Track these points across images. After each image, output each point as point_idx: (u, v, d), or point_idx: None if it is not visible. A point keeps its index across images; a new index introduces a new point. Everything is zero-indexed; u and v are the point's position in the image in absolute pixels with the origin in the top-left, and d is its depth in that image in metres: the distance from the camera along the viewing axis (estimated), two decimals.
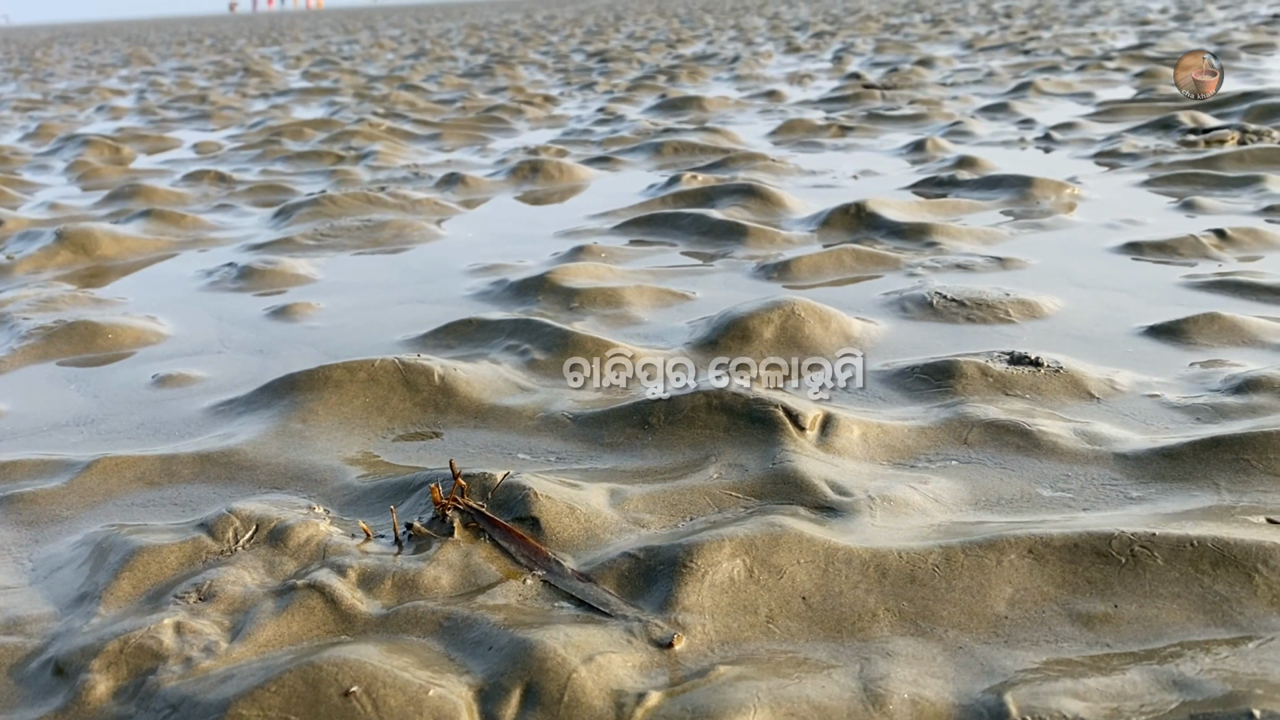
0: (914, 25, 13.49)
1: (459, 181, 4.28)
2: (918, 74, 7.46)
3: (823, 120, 5.43)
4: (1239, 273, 2.52)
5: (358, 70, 11.78)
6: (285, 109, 7.99)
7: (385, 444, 1.87)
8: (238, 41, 24.14)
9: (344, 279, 3.04)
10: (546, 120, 6.44)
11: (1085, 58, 7.86)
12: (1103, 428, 1.74)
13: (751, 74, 8.40)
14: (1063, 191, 3.45)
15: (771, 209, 3.50)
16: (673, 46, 12.71)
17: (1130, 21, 11.98)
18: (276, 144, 5.84)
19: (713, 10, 26.36)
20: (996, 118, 5.28)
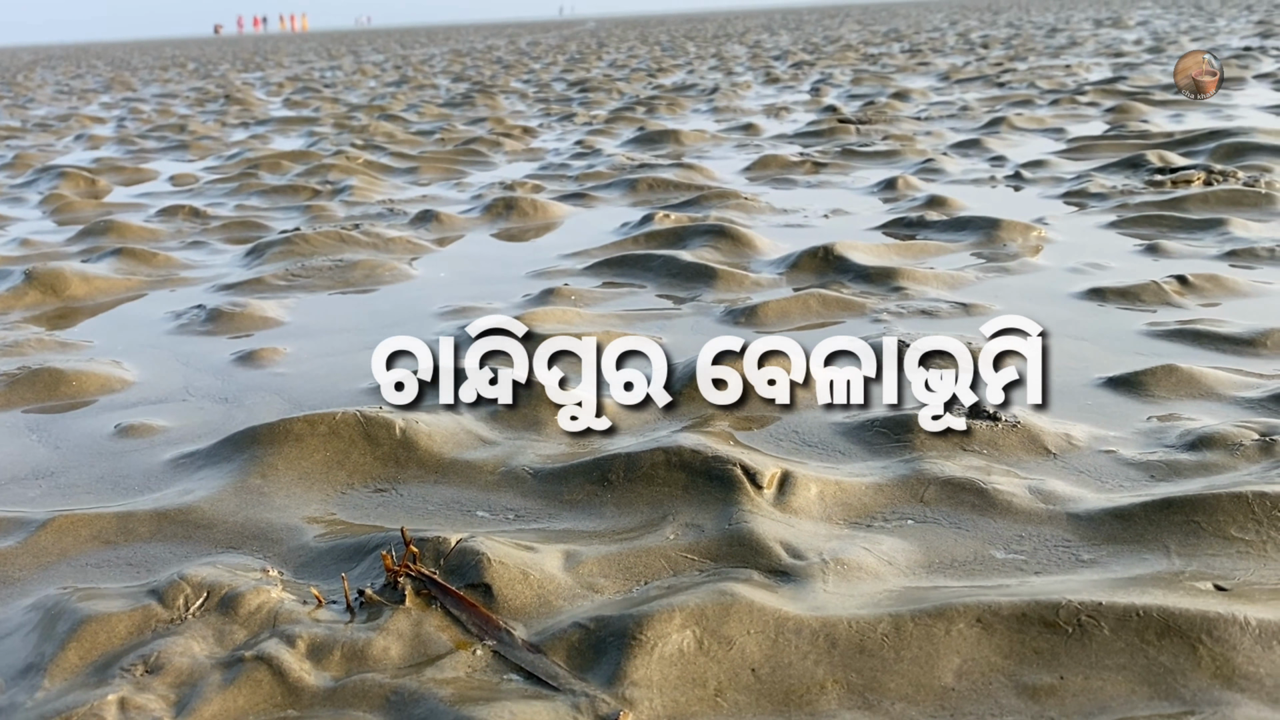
0: (892, 56, 13.62)
1: (433, 219, 4.29)
2: (893, 107, 7.53)
3: (797, 156, 5.47)
4: (1199, 321, 2.55)
5: (339, 98, 11.80)
6: (265, 139, 8.00)
7: (344, 501, 1.86)
8: (221, 66, 24.16)
9: (313, 322, 3.04)
10: (525, 153, 6.46)
11: (1059, 91, 7.96)
12: (1058, 486, 1.76)
13: (730, 106, 8.46)
14: (1029, 234, 3.49)
15: (742, 250, 3.52)
16: (653, 76, 12.79)
17: (1105, 53, 12.14)
18: (253, 177, 5.84)
19: (695, 37, 26.57)
20: (968, 154, 5.33)
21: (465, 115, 8.99)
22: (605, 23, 74.43)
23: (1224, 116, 6.25)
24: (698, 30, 33.20)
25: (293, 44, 49.75)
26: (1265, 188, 3.94)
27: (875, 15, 41.87)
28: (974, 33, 19.49)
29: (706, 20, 53.65)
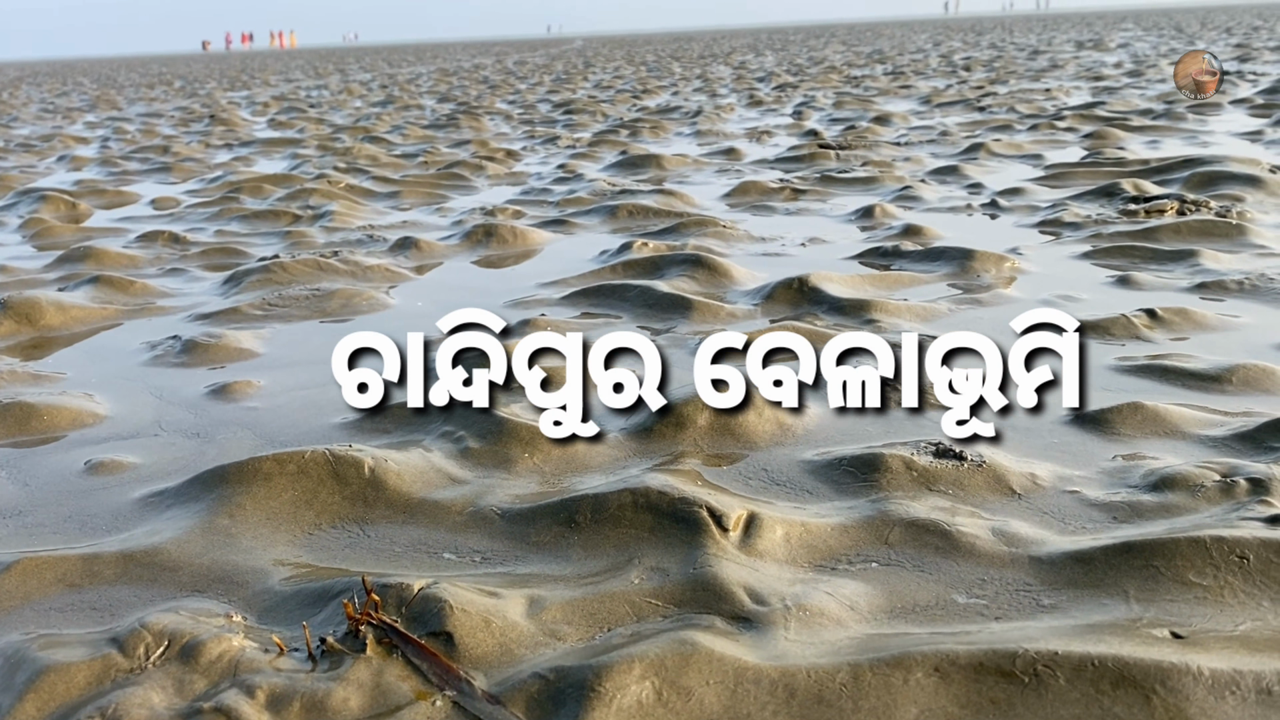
0: (875, 78, 13.73)
1: (412, 246, 4.30)
2: (874, 132, 7.58)
3: (777, 182, 5.51)
4: (1167, 356, 2.58)
5: (324, 119, 11.82)
6: (248, 161, 8.00)
7: (311, 542, 1.86)
8: (208, 84, 24.16)
9: (288, 353, 3.04)
10: (507, 177, 6.48)
11: (1038, 115, 8.03)
12: (1021, 527, 1.77)
13: (712, 129, 8.51)
14: (1003, 265, 3.52)
15: (718, 280, 3.54)
16: (638, 98, 12.85)
17: (1085, 76, 12.26)
18: (234, 201, 5.84)
19: (681, 58, 26.72)
20: (946, 181, 5.38)
21: (449, 137, 9.02)
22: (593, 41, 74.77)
23: (1200, 143, 6.32)
24: (684, 50, 33.40)
25: (280, 61, 49.79)
26: (1236, 218, 3.99)
27: (860, 35, 42.22)
28: (957, 54, 19.66)
29: (693, 40, 54.00)
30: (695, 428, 2.25)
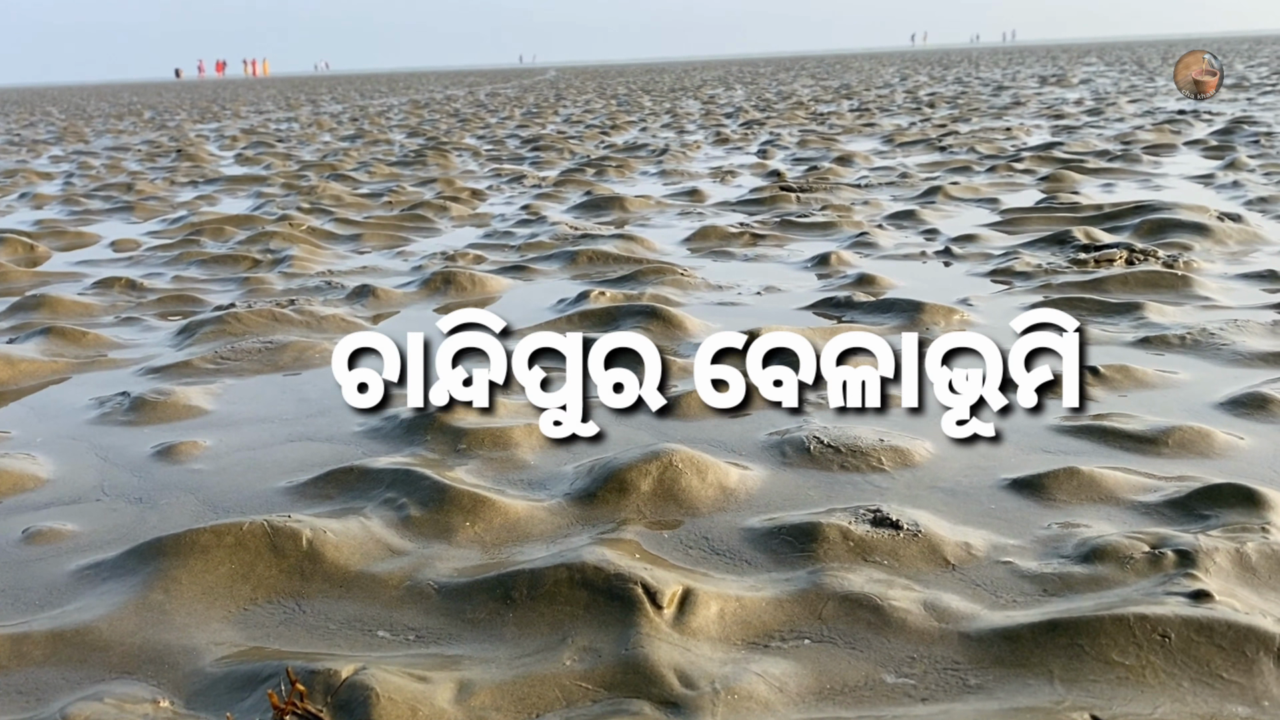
0: (840, 114, 13.89)
1: (370, 294, 4.30)
2: (835, 173, 7.67)
3: (737, 226, 5.55)
4: (1106, 416, 2.62)
5: (292, 153, 11.81)
6: (212, 200, 7.97)
7: (246, 619, 1.85)
8: (178, 116, 24.09)
9: (237, 411, 3.02)
10: (471, 219, 6.50)
11: (997, 156, 8.16)
12: (953, 601, 1.79)
13: (678, 169, 8.57)
14: (951, 317, 3.56)
15: (672, 333, 3.56)
16: (607, 133, 12.94)
17: (1046, 114, 12.47)
18: (195, 243, 5.82)
19: (651, 90, 26.93)
20: (903, 226, 5.44)
21: (416, 175, 9.03)
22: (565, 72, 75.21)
23: (1153, 187, 6.44)
24: (655, 83, 33.66)
25: (252, 91, 49.72)
26: (1183, 268, 4.06)
27: (830, 68, 42.72)
28: (922, 90, 19.93)
29: (666, 71, 54.42)
30: (639, 493, 2.26)
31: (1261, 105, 12.53)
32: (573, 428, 2.74)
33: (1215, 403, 2.70)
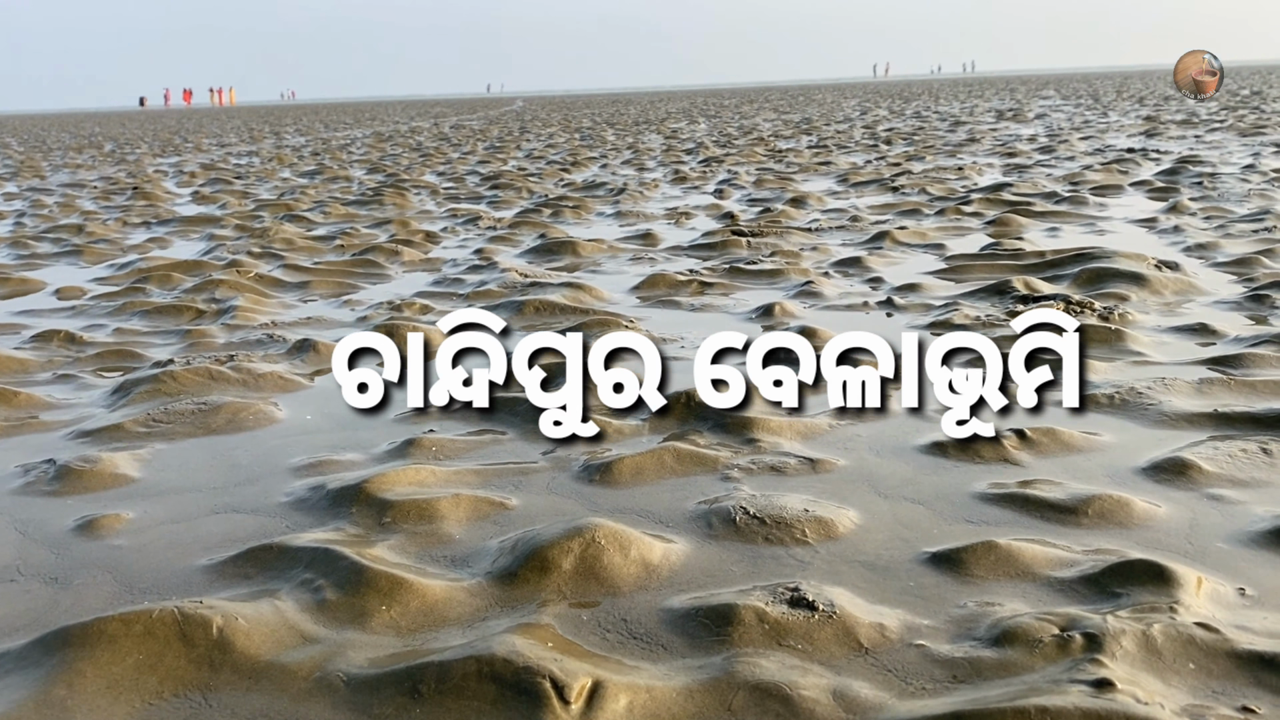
0: (799, 152, 14.03)
1: (310, 349, 4.27)
2: (787, 215, 7.74)
3: (686, 273, 5.58)
4: (1030, 483, 2.64)
5: (249, 192, 11.75)
6: (163, 243, 7.90)
7: (150, 715, 1.82)
8: (139, 148, 23.92)
9: (165, 479, 2.98)
10: (422, 264, 6.49)
11: (947, 198, 8.27)
12: (863, 690, 1.79)
13: (634, 210, 8.61)
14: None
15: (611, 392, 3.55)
16: (567, 170, 12.98)
17: (999, 152, 12.66)
18: (141, 291, 5.76)
19: (616, 124, 27.09)
20: (849, 273, 5.49)
21: (371, 215, 9.01)
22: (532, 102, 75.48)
23: (1096, 231, 6.55)
24: (620, 115, 33.86)
25: (217, 121, 49.49)
26: (1118, 321, 4.12)
27: (793, 100, 43.21)
28: (881, 125, 20.19)
29: (632, 102, 54.75)
30: (560, 572, 2.25)
31: (1208, 143, 12.80)
32: (502, 499, 2.74)
33: (1138, 468, 2.74)
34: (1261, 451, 2.76)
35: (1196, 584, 2.07)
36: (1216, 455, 2.74)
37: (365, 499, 2.68)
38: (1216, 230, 6.19)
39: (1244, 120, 16.47)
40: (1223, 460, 2.72)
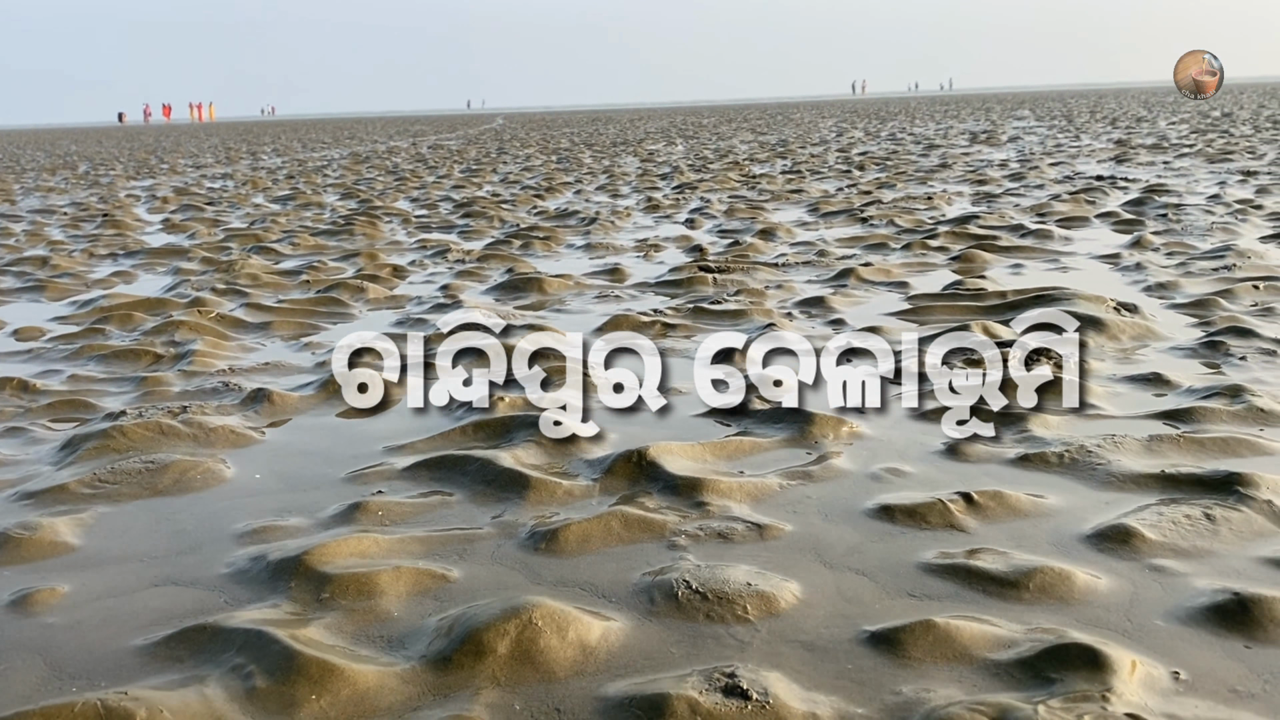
0: (772, 178, 14.08)
1: (265, 399, 4.23)
2: (755, 249, 7.75)
3: (650, 314, 5.57)
4: (974, 553, 2.64)
5: (220, 219, 11.70)
6: (128, 277, 7.84)
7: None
8: (114, 170, 23.79)
9: (106, 547, 2.94)
10: (387, 301, 6.46)
11: (914, 230, 8.31)
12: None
13: (604, 241, 8.61)
14: (840, 430, 3.59)
15: (564, 446, 3.54)
16: (541, 196, 12.99)
17: (970, 179, 12.74)
18: (100, 333, 5.71)
19: (594, 144, 27.14)
20: (812, 314, 5.51)
21: (340, 247, 8.97)
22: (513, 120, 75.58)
23: (1060, 268, 6.59)
24: (598, 135, 33.92)
25: (195, 139, 49.32)
26: (1070, 373, 4.14)
27: (771, 119, 43.41)
28: (855, 148, 20.31)
29: (612, 120, 54.88)
30: (496, 656, 2.23)
31: (1176, 170, 12.93)
32: (444, 570, 2.71)
33: (1082, 535, 2.74)
34: (1205, 517, 2.77)
35: (1131, 668, 2.07)
36: (1160, 522, 2.74)
37: (305, 572, 2.65)
38: (1178, 268, 6.24)
39: (1213, 145, 16.65)
40: (1166, 527, 2.72)
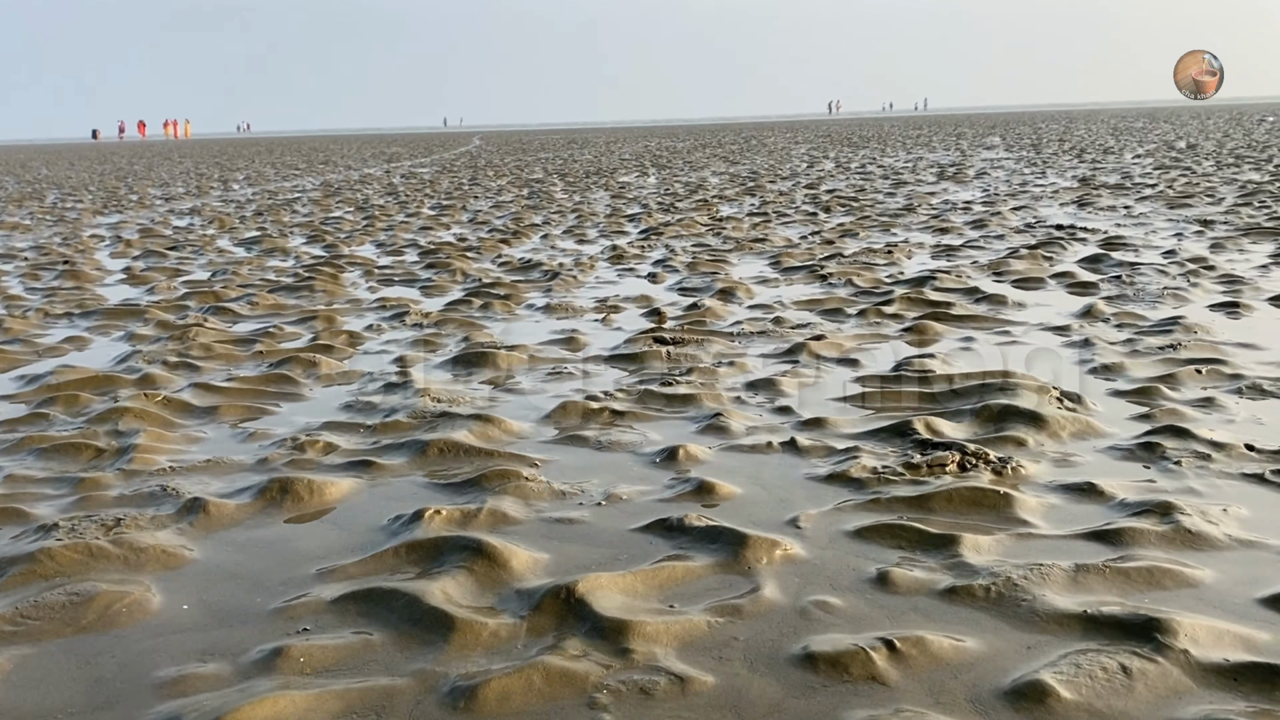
0: (739, 221, 14.15)
1: (201, 510, 4.19)
2: (713, 313, 7.78)
3: (600, 399, 5.57)
4: (898, 713, 2.63)
5: (181, 269, 11.64)
6: (81, 344, 7.76)
7: None
8: (82, 200, 23.65)
9: (20, 700, 2.89)
10: (339, 377, 6.43)
11: (872, 292, 8.36)
12: None
13: (564, 302, 8.62)
14: (774, 552, 3.59)
15: (495, 575, 3.52)
16: (507, 242, 13.00)
17: (933, 227, 12.85)
18: (44, 418, 5.65)
19: (567, 174, 27.21)
20: (760, 398, 5.52)
21: (299, 306, 8.93)
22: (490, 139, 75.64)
23: (1009, 341, 6.63)
24: (573, 161, 34.02)
25: (168, 160, 49.13)
26: (1010, 476, 4.17)
27: (745, 144, 43.68)
28: (824, 184, 20.44)
29: (588, 144, 55.09)
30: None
31: (1135, 218, 13.07)
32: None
33: (999, 691, 2.74)
34: (1121, 671, 2.78)
35: None
36: (1077, 677, 2.75)
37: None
38: (1125, 346, 6.29)
39: (1174, 185, 16.86)
40: (1083, 684, 2.73)
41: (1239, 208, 13.66)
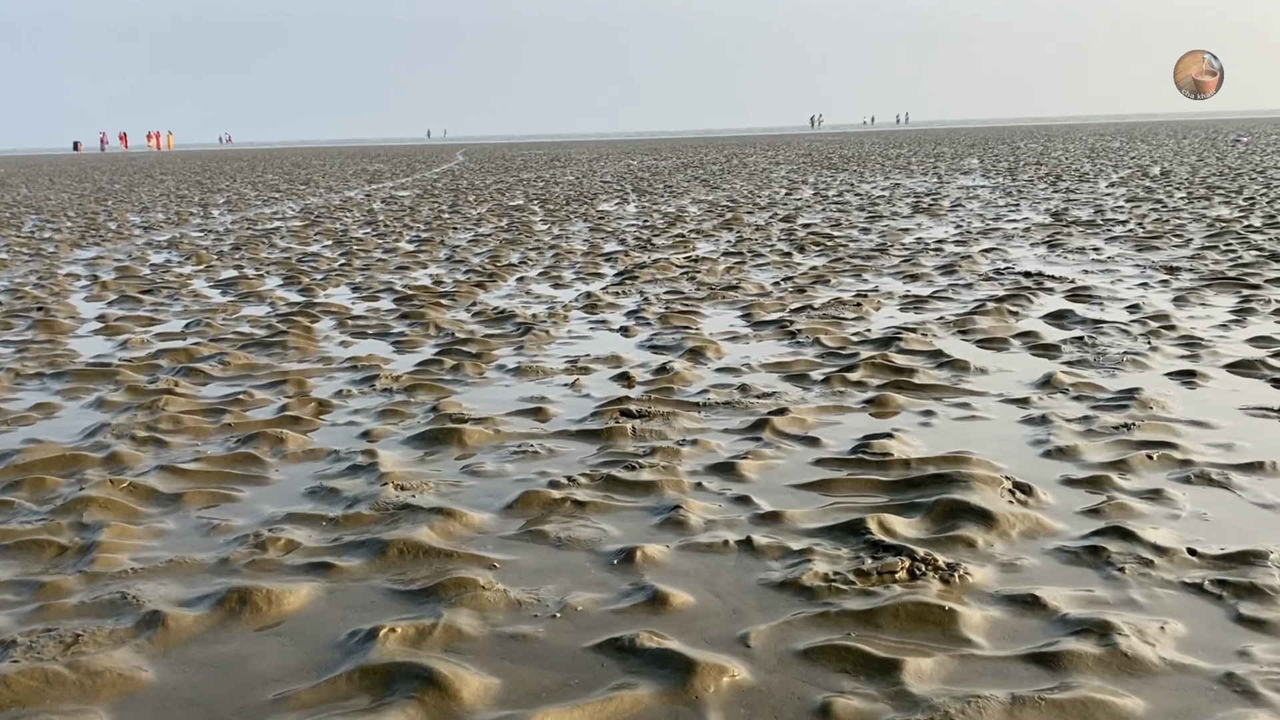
0: (713, 263, 14.26)
1: (159, 624, 4.23)
2: (681, 379, 7.85)
3: (563, 485, 5.64)
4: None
5: (156, 317, 11.66)
6: (50, 412, 7.76)
7: None
8: (61, 228, 23.56)
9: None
10: (305, 456, 6.46)
11: (837, 354, 8.46)
12: None
13: (534, 363, 8.68)
14: (721, 680, 3.65)
15: (446, 705, 3.57)
16: (482, 285, 13.06)
17: (903, 272, 12.98)
18: (9, 506, 5.67)
19: (548, 200, 27.29)
20: (720, 484, 5.59)
21: (270, 367, 8.96)
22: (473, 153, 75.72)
23: (969, 415, 6.73)
24: (554, 184, 34.10)
25: (150, 179, 48.98)
26: (958, 585, 4.25)
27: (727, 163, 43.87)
28: (801, 217, 20.58)
29: (570, 163, 55.19)
30: None
31: (1104, 261, 13.24)
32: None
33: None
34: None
35: None
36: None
37: None
38: (1081, 425, 6.39)
39: (1144, 223, 17.07)
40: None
41: (1205, 250, 13.85)
